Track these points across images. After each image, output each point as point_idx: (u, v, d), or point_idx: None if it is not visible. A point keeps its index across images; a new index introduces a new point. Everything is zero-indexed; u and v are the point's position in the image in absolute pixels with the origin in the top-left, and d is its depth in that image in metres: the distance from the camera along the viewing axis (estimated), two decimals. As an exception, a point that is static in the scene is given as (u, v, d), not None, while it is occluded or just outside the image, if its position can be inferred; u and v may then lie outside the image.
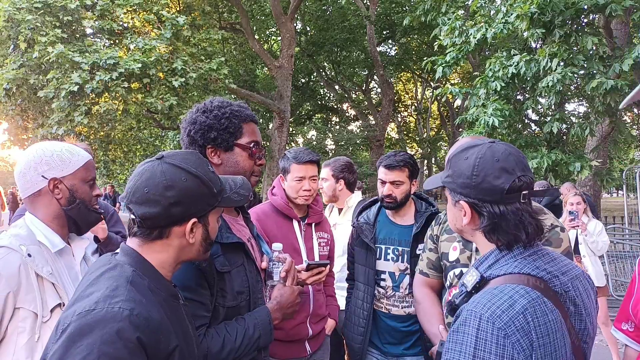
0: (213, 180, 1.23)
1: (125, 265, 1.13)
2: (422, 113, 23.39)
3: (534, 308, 1.04)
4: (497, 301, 1.05)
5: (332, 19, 16.56)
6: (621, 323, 2.41)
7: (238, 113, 1.59)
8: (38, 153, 1.51)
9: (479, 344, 1.02)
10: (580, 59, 5.97)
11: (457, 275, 1.89)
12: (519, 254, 1.16)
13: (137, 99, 9.73)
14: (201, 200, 1.18)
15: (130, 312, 0.99)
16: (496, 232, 1.17)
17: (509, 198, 1.15)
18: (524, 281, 1.09)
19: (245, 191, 1.30)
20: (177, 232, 1.17)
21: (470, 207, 1.19)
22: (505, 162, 1.16)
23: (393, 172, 2.33)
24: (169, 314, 1.12)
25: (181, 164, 1.18)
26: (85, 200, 1.55)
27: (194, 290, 1.41)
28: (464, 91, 7.29)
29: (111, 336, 0.95)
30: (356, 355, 2.43)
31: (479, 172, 1.17)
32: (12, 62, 9.13)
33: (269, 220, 2.35)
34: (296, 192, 2.34)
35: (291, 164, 2.34)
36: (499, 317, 1.02)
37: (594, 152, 8.42)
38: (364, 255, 2.45)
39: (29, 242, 1.45)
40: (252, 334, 1.49)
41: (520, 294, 1.06)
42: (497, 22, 6.53)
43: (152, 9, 9.86)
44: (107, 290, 1.03)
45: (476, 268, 1.19)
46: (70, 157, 1.54)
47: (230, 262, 1.51)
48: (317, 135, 21.85)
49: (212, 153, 1.57)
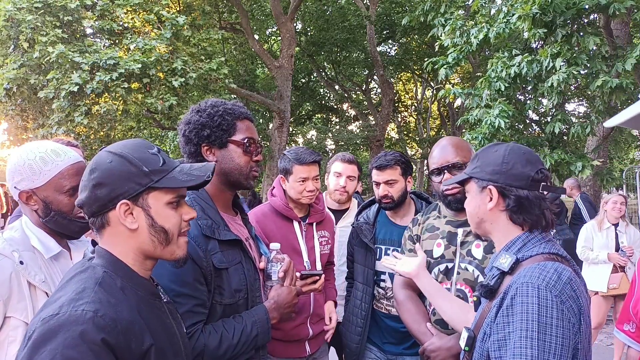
0: (145, 160, 1.14)
1: (97, 267, 1.11)
2: (422, 113, 23.37)
3: (574, 280, 1.20)
4: (547, 274, 1.18)
5: (332, 19, 16.52)
6: (623, 324, 2.41)
7: (231, 111, 1.60)
8: (16, 160, 1.45)
9: (541, 310, 1.13)
10: (583, 59, 5.95)
11: (442, 271, 1.89)
12: (542, 239, 1.32)
13: (137, 99, 9.71)
14: (127, 179, 1.11)
15: (94, 314, 0.97)
16: (522, 212, 1.32)
17: (533, 186, 1.31)
18: (557, 259, 1.24)
19: (201, 172, 1.19)
20: (115, 217, 1.12)
21: (497, 191, 1.33)
22: (530, 155, 1.37)
23: (385, 171, 2.32)
24: (146, 313, 1.10)
25: (111, 149, 1.16)
26: (62, 212, 1.46)
27: (190, 286, 1.41)
28: (467, 92, 7.26)
29: (74, 339, 0.93)
30: (353, 355, 2.43)
31: (509, 160, 1.34)
32: (12, 62, 9.11)
33: (269, 221, 2.33)
34: (299, 193, 2.31)
35: (293, 165, 2.31)
36: (554, 286, 1.16)
37: (595, 151, 8.41)
38: (363, 255, 2.44)
39: (23, 247, 1.41)
40: (250, 332, 1.49)
41: (563, 267, 1.21)
42: (498, 22, 6.51)
43: (152, 9, 9.84)
44: (73, 293, 1.02)
45: (506, 252, 1.32)
46: (42, 166, 1.43)
47: (228, 259, 1.52)
48: (317, 135, 21.82)
49: (207, 151, 1.59)
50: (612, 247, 4.96)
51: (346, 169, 2.88)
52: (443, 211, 2.01)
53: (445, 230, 1.94)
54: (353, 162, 2.92)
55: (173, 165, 1.19)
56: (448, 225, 1.95)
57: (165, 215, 1.16)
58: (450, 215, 1.96)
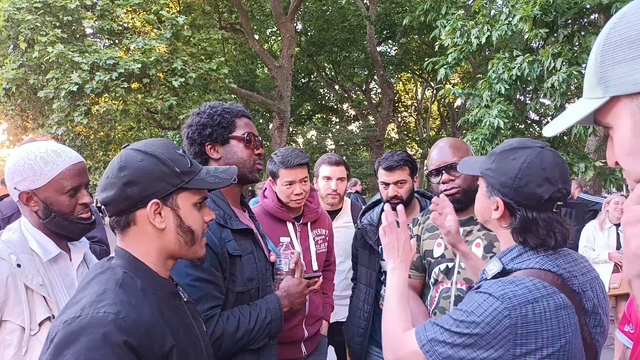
0: (176, 160, 1.15)
1: (116, 268, 1.10)
2: (422, 113, 23.38)
3: (547, 301, 1.08)
4: (513, 288, 1.10)
5: (332, 19, 16.53)
6: (624, 325, 2.40)
7: (229, 109, 1.69)
8: (16, 160, 1.42)
9: (478, 309, 1.09)
10: (584, 58, 5.95)
11: (443, 270, 1.88)
12: (542, 251, 1.20)
13: (137, 99, 9.72)
14: (160, 179, 1.11)
15: (116, 316, 0.96)
16: (525, 234, 1.20)
17: (545, 207, 1.18)
18: (542, 276, 1.13)
19: (227, 175, 1.23)
20: (143, 216, 1.11)
21: (505, 205, 1.22)
22: (551, 172, 1.18)
23: (395, 172, 2.30)
24: (167, 314, 1.10)
25: (139, 147, 1.15)
26: (63, 212, 1.43)
27: (207, 271, 1.45)
28: (467, 92, 7.25)
29: (97, 342, 0.93)
30: (356, 356, 2.42)
31: (524, 176, 1.19)
32: (12, 62, 9.12)
33: (262, 223, 2.31)
34: (287, 197, 2.28)
35: (279, 169, 2.27)
36: (509, 299, 1.07)
37: (597, 152, 8.40)
38: (367, 256, 2.44)
39: (20, 249, 1.38)
40: (265, 318, 1.54)
41: (536, 287, 1.10)
42: (500, 24, 6.50)
43: (152, 9, 9.84)
44: (94, 295, 1.01)
45: (499, 259, 1.24)
46: (42, 167, 1.41)
47: (242, 248, 1.58)
48: (317, 135, 21.83)
49: (211, 149, 1.65)
50: (613, 246, 4.96)
51: (335, 171, 2.84)
52: None
53: None
54: (341, 163, 2.87)
55: (199, 167, 1.21)
56: None
57: (192, 216, 1.17)
58: None
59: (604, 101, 0.71)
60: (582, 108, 0.76)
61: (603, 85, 0.71)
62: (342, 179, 2.87)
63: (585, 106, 0.75)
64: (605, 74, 0.70)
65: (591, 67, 0.74)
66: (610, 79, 0.70)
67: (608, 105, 0.71)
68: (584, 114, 0.74)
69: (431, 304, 1.91)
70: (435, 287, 1.90)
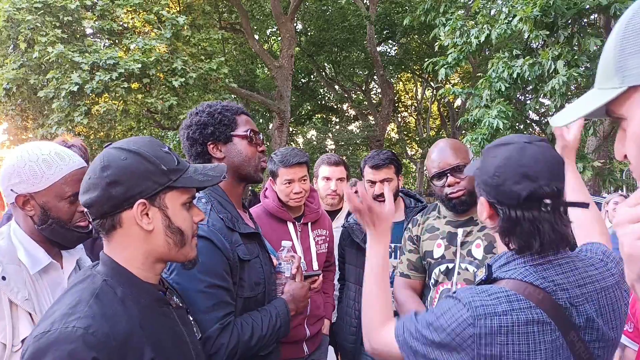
0: (162, 158, 1.10)
1: (96, 276, 1.06)
2: (422, 113, 23.37)
3: (517, 315, 1.04)
4: (484, 297, 1.07)
5: (332, 19, 16.52)
6: (624, 324, 2.41)
7: (229, 107, 1.65)
8: (15, 161, 1.33)
9: (446, 314, 1.08)
10: (583, 60, 5.95)
11: (443, 271, 1.89)
12: (529, 261, 1.13)
13: (137, 99, 9.71)
14: (145, 178, 1.06)
15: (85, 330, 0.92)
16: (510, 235, 1.14)
17: (527, 205, 1.10)
18: (521, 289, 1.08)
19: (216, 172, 1.19)
20: (129, 218, 1.06)
21: (489, 205, 1.18)
22: (531, 168, 1.10)
23: (381, 170, 2.33)
24: (150, 323, 1.05)
25: (123, 146, 1.09)
26: (61, 219, 1.35)
27: (221, 277, 1.42)
28: (467, 92, 7.26)
29: (62, 359, 0.90)
30: (349, 355, 2.42)
31: (501, 173, 1.12)
32: (12, 62, 9.11)
33: (263, 223, 2.32)
34: (287, 196, 2.31)
35: (279, 168, 2.30)
36: (476, 308, 1.05)
37: (595, 152, 8.40)
38: (354, 255, 2.45)
39: (8, 259, 1.29)
40: (275, 323, 1.53)
41: (508, 300, 1.06)
42: (499, 24, 6.50)
43: (152, 9, 9.83)
44: (66, 307, 0.97)
45: (490, 265, 1.20)
46: (45, 170, 1.32)
47: (250, 252, 1.55)
48: (317, 135, 21.82)
49: (214, 148, 1.61)
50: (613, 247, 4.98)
51: (334, 171, 2.85)
52: (443, 211, 2.01)
53: (445, 231, 1.94)
54: (340, 164, 2.88)
55: (186, 165, 1.16)
56: (448, 225, 1.95)
57: (182, 216, 1.12)
58: (450, 215, 1.96)
59: (621, 91, 0.67)
60: (596, 98, 0.72)
61: (620, 75, 0.67)
62: (341, 179, 2.88)
63: (600, 96, 0.71)
64: (624, 63, 0.67)
65: (608, 56, 0.70)
66: (628, 68, 0.66)
67: (624, 95, 0.68)
68: (598, 104, 0.71)
69: (431, 304, 1.92)
70: (436, 288, 1.91)
